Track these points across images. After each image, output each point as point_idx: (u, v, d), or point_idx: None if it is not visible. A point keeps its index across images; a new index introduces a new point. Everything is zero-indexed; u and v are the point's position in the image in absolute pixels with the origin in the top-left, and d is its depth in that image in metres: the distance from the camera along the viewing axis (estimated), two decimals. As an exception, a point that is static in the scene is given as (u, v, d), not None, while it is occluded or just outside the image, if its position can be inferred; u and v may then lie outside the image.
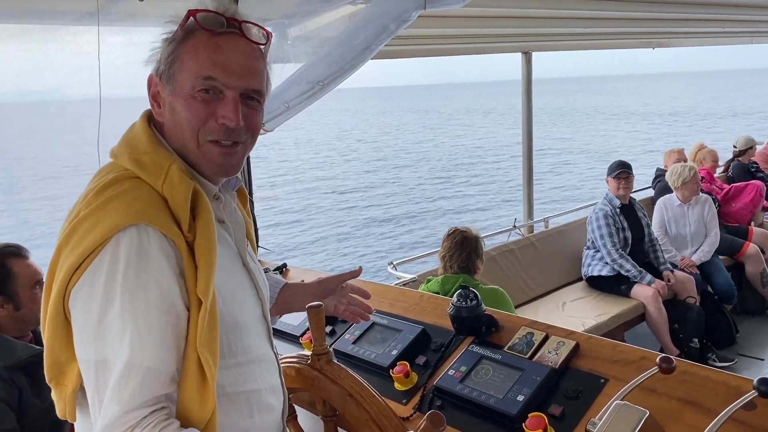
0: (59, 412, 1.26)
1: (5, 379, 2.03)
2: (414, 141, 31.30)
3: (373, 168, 23.22)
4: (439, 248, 3.41)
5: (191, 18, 1.22)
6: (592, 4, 3.63)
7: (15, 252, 2.19)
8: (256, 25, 1.27)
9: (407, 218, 15.07)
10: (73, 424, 2.30)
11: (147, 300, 1.10)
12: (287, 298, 1.72)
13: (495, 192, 17.69)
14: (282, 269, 3.00)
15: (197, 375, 1.14)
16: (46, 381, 1.23)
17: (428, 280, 3.36)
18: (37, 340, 2.25)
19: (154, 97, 1.27)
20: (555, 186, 17.41)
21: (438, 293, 3.21)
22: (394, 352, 1.97)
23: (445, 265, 3.30)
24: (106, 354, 1.09)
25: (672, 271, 4.80)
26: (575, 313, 4.53)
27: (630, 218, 4.82)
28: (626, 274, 4.65)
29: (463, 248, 3.25)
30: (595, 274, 4.83)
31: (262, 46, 1.27)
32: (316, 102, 2.61)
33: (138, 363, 1.09)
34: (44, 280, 2.16)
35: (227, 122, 1.20)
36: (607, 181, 4.90)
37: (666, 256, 5.01)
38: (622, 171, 4.78)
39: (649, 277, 4.61)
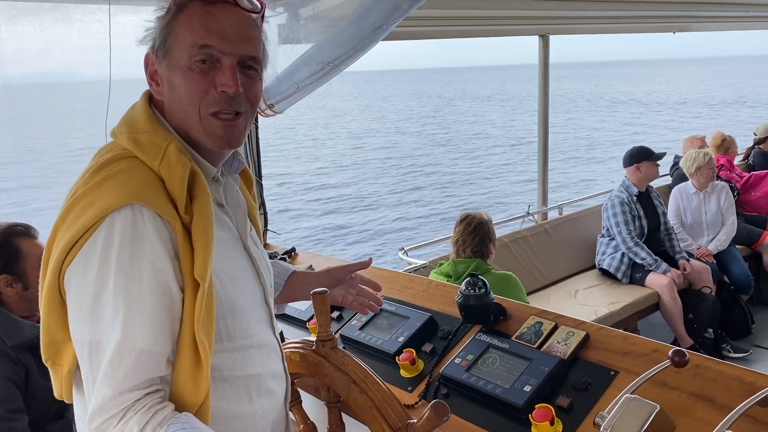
0: (56, 392, 1.26)
1: (12, 358, 2.04)
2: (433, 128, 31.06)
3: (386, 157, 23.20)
4: (450, 234, 3.40)
5: None
6: (612, -14, 3.54)
7: (23, 231, 2.19)
8: None
9: (418, 206, 15.02)
10: (77, 403, 2.32)
11: (141, 281, 1.09)
12: (295, 286, 1.70)
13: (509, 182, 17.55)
14: (291, 253, 2.98)
15: (191, 358, 1.13)
16: (43, 360, 1.22)
17: (440, 264, 3.35)
18: (45, 319, 2.25)
19: (152, 76, 1.24)
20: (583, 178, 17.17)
21: (450, 276, 3.19)
22: (401, 339, 1.94)
23: (458, 250, 3.29)
24: (100, 335, 1.08)
25: (688, 260, 4.73)
26: (588, 301, 4.48)
27: (646, 206, 4.74)
28: (641, 262, 4.58)
29: (476, 233, 3.25)
30: (605, 266, 4.78)
31: (255, 15, 1.24)
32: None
33: (131, 345, 1.07)
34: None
35: (227, 89, 1.18)
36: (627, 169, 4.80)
37: (682, 245, 4.93)
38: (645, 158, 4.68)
39: (664, 265, 4.54)
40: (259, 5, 1.25)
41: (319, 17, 2.61)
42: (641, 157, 4.70)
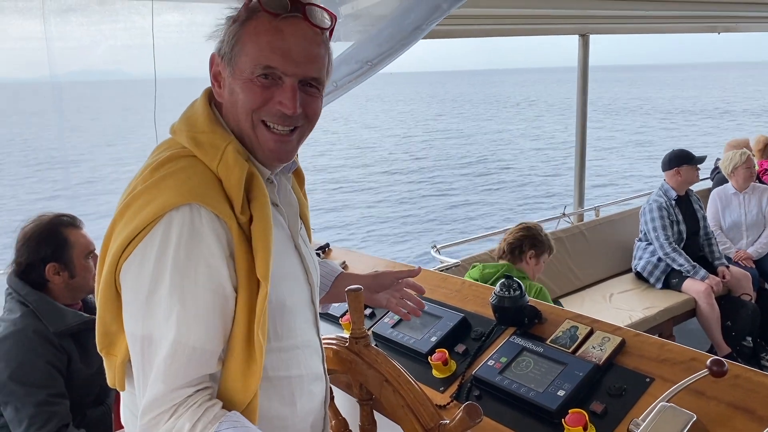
0: (109, 381, 1.28)
1: (55, 344, 2.10)
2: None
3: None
4: (485, 232, 3.42)
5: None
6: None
7: (70, 222, 2.26)
8: (320, 7, 1.23)
9: (454, 207, 14.97)
10: (118, 392, 2.38)
11: (196, 280, 1.11)
12: (340, 288, 1.70)
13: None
14: (325, 249, 3.00)
15: (243, 357, 1.15)
16: (97, 350, 1.25)
17: (473, 266, 3.35)
18: (86, 308, 2.31)
19: (215, 76, 1.25)
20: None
21: (477, 280, 3.19)
22: (433, 339, 1.95)
23: (498, 252, 3.37)
24: (153, 331, 1.11)
25: (727, 267, 4.63)
26: (622, 305, 4.42)
27: (686, 211, 4.65)
28: (679, 268, 4.49)
29: (516, 234, 3.30)
30: (640, 269, 4.71)
31: (325, 30, 1.23)
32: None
33: (184, 342, 1.09)
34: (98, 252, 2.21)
35: (285, 109, 1.19)
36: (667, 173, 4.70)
37: (721, 248, 4.83)
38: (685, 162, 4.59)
39: (702, 272, 4.44)
40: (329, 21, 1.23)
41: (359, 16, 2.62)
42: (681, 160, 4.61)
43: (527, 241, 3.25)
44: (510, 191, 16.48)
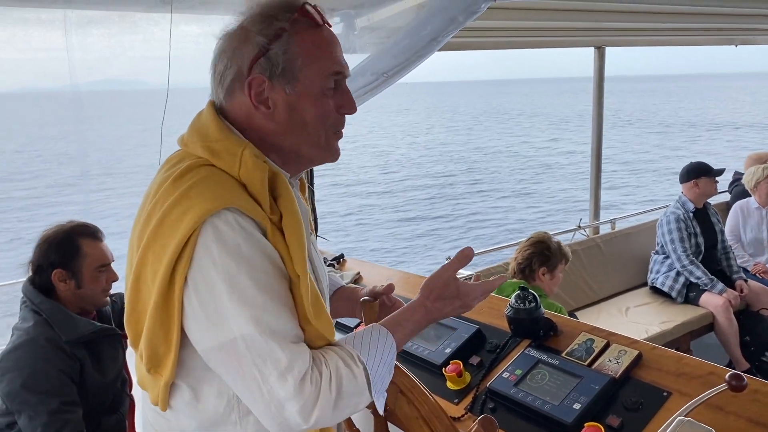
0: (152, 399, 1.26)
1: (67, 352, 2.11)
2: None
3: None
4: (499, 245, 3.37)
5: (295, 12, 1.21)
6: (671, -2, 3.46)
7: (89, 232, 2.25)
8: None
9: (467, 219, 14.93)
10: (132, 401, 2.38)
11: (266, 271, 1.11)
12: (337, 301, 1.69)
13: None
14: (339, 260, 3.01)
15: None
16: (146, 370, 1.22)
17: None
18: (100, 317, 2.32)
19: (260, 98, 1.22)
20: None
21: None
22: (448, 350, 1.94)
23: (510, 272, 3.21)
24: (245, 329, 1.08)
25: (746, 281, 4.57)
26: (639, 319, 4.37)
27: (703, 224, 4.61)
28: (696, 281, 4.45)
29: (527, 247, 3.16)
30: (658, 285, 4.66)
31: None
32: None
33: (275, 329, 1.09)
34: (116, 270, 2.19)
35: (350, 112, 1.26)
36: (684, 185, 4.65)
37: (739, 261, 4.78)
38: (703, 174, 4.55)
39: (720, 285, 4.39)
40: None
41: (374, 28, 2.64)
42: (700, 172, 4.58)
43: (537, 259, 3.10)
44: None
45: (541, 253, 3.10)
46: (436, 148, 29.50)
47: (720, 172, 4.62)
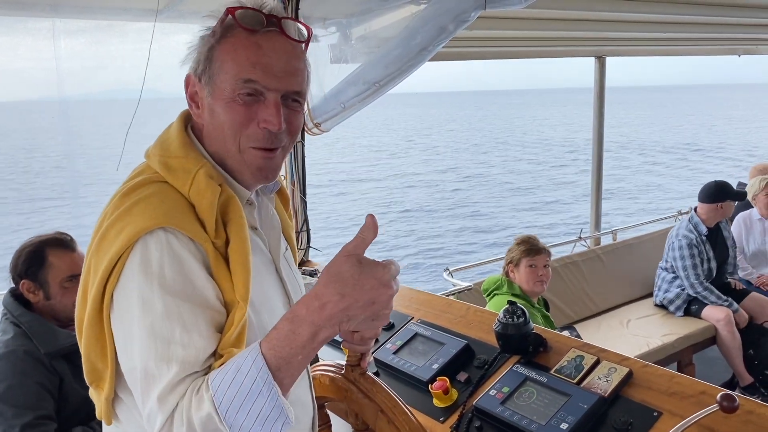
0: (97, 413, 1.25)
1: (46, 365, 2.08)
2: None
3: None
4: (497, 257, 3.42)
5: (229, 15, 1.17)
6: (672, 8, 3.42)
7: (58, 242, 2.21)
8: (297, 21, 1.23)
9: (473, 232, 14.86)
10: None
11: (185, 299, 1.07)
12: None
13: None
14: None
15: None
16: (87, 383, 1.21)
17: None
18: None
19: (192, 97, 1.23)
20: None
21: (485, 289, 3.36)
22: (435, 366, 1.89)
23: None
24: (150, 362, 1.04)
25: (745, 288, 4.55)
26: (640, 331, 4.31)
27: (715, 243, 4.53)
28: (710, 304, 4.41)
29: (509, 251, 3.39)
30: (665, 304, 4.60)
31: (302, 44, 1.22)
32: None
33: (192, 360, 1.04)
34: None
35: (270, 126, 1.16)
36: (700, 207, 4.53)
37: (741, 273, 4.74)
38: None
39: (735, 306, 4.36)
40: (306, 33, 1.22)
41: (366, 37, 2.62)
42: (725, 195, 4.44)
43: (505, 257, 3.39)
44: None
45: (507, 252, 3.39)
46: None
47: (743, 196, 4.56)
